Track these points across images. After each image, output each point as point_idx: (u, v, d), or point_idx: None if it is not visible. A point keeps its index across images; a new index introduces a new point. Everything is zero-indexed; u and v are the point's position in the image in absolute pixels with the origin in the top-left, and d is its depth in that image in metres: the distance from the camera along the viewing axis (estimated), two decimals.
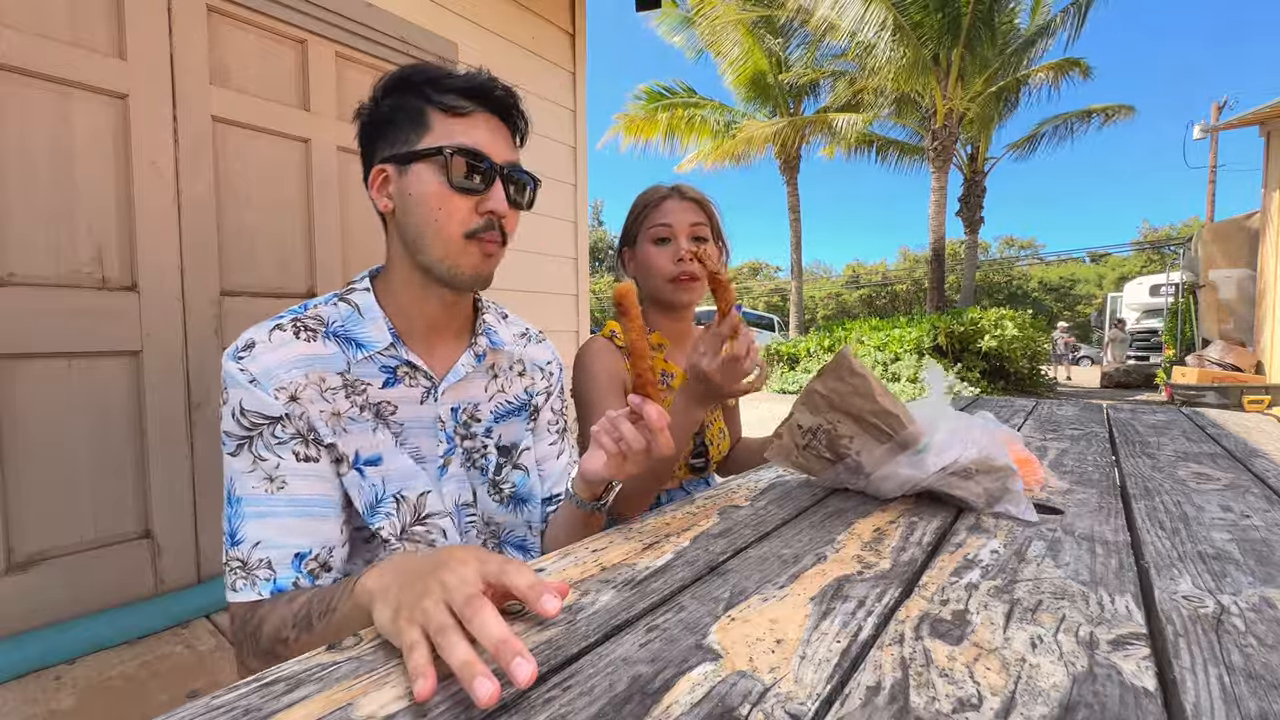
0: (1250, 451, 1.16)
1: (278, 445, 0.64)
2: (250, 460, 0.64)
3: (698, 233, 1.14)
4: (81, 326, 1.45)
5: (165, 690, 1.33)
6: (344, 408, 0.68)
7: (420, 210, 0.69)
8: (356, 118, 0.75)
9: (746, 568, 0.57)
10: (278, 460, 0.64)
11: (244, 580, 0.62)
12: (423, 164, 0.69)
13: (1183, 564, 0.58)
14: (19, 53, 1.36)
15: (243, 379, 0.64)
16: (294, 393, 0.65)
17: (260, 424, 0.64)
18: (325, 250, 1.91)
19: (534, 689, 0.37)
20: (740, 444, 1.35)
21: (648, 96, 14.71)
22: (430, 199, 0.68)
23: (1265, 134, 6.82)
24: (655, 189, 1.18)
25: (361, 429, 0.70)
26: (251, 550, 0.62)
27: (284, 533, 0.63)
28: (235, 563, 0.63)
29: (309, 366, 0.67)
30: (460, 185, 0.68)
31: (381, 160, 0.71)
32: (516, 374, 0.86)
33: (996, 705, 0.36)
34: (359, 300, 0.73)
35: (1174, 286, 9.45)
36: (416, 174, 0.69)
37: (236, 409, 0.64)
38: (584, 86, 2.91)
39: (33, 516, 1.40)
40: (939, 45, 10.66)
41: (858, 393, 0.75)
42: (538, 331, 0.94)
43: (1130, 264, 35.95)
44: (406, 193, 0.69)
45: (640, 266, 1.17)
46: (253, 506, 0.64)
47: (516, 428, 0.85)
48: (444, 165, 0.68)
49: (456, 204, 0.69)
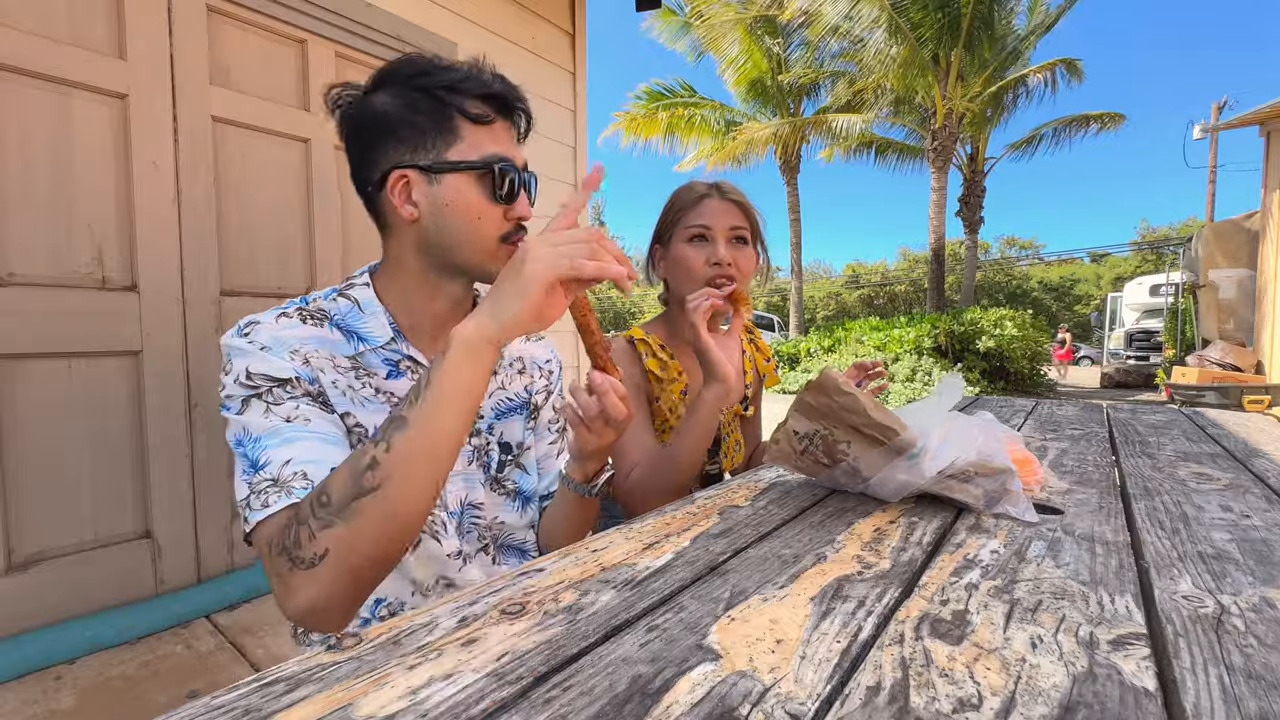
0: (1250, 451, 1.16)
1: (291, 397, 0.62)
2: (264, 409, 0.61)
3: (737, 234, 1.07)
4: (81, 326, 1.45)
5: (165, 690, 1.33)
6: (356, 385, 0.69)
7: (457, 219, 0.69)
8: (337, 108, 0.71)
9: (746, 568, 0.57)
10: (296, 404, 0.62)
11: (277, 493, 0.57)
12: (459, 175, 0.68)
13: (1183, 564, 0.58)
14: (19, 52, 1.36)
15: (251, 347, 0.62)
16: (307, 357, 0.65)
17: (269, 384, 0.62)
18: (325, 250, 1.92)
19: (534, 689, 0.37)
20: (757, 450, 1.34)
21: (648, 96, 14.72)
22: (470, 209, 0.69)
23: (1265, 134, 6.82)
24: (692, 186, 1.11)
25: (375, 408, 0.70)
26: (283, 468, 0.58)
27: (316, 452, 0.60)
28: (263, 483, 0.57)
29: (319, 345, 0.67)
30: (501, 197, 0.70)
31: (402, 166, 0.68)
32: (516, 371, 0.86)
33: (996, 705, 0.36)
34: (359, 295, 0.73)
35: (1174, 286, 9.45)
36: (453, 184, 0.68)
37: (242, 374, 0.61)
38: (584, 87, 2.91)
39: (33, 516, 1.40)
40: (938, 45, 10.66)
41: (848, 409, 0.75)
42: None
43: (1126, 264, 35.94)
44: (442, 202, 0.69)
45: (671, 266, 1.11)
46: (276, 437, 0.59)
47: (516, 426, 0.85)
48: (487, 179, 0.69)
49: (493, 213, 0.70)
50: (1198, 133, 10.47)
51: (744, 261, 1.07)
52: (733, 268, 1.05)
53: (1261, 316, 7.01)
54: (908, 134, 13.84)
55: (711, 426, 0.98)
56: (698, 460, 1.00)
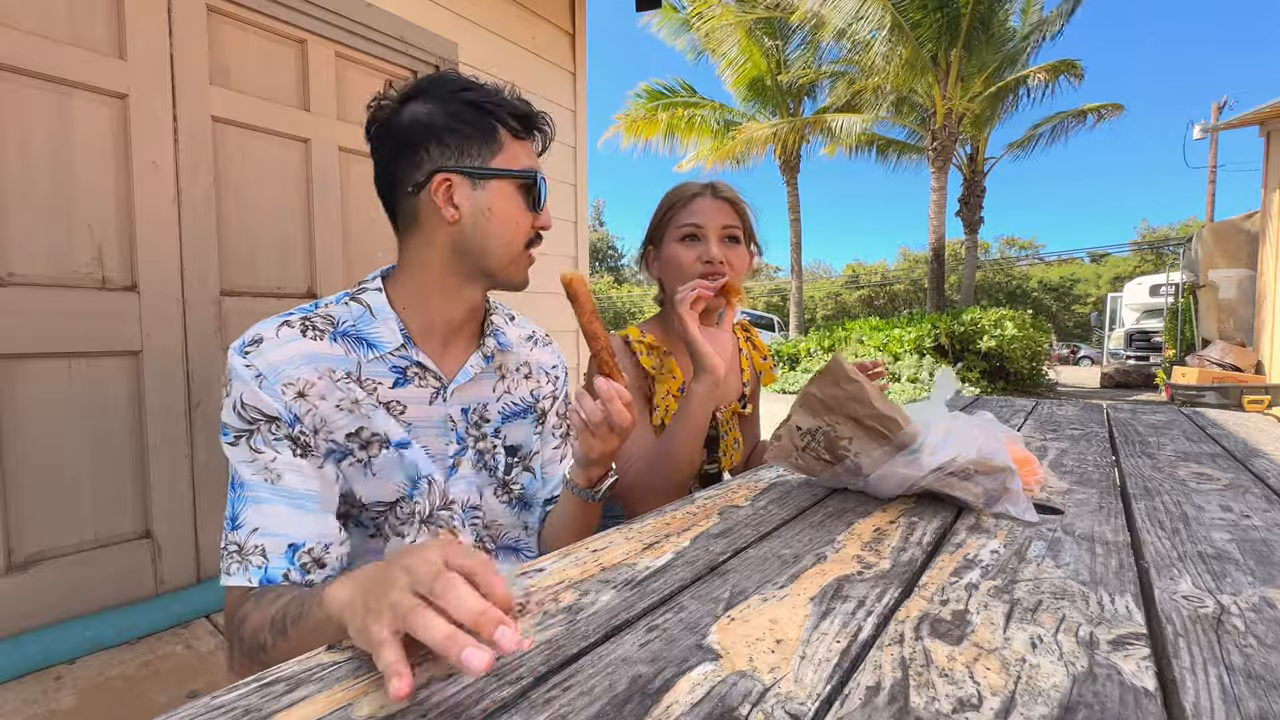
0: (1250, 451, 1.16)
1: (274, 441, 0.65)
2: (249, 451, 0.65)
3: (729, 233, 1.07)
4: (81, 326, 1.45)
5: (165, 690, 1.33)
6: (361, 396, 0.70)
7: (496, 224, 0.74)
8: (375, 116, 0.74)
9: (746, 568, 0.57)
10: (274, 454, 0.65)
11: (238, 564, 0.63)
12: (503, 182, 0.73)
13: (1183, 564, 0.58)
14: (19, 53, 1.36)
15: (248, 375, 0.65)
16: (302, 389, 0.66)
17: (258, 420, 0.65)
18: (325, 250, 1.91)
19: (534, 689, 0.37)
20: (757, 449, 1.34)
21: (648, 95, 14.71)
22: (511, 215, 0.74)
23: (1265, 134, 6.82)
24: (686, 186, 1.11)
25: (385, 417, 0.71)
26: (249, 536, 0.63)
27: (280, 522, 0.64)
28: (232, 546, 0.64)
29: (317, 362, 0.68)
30: (534, 206, 0.76)
31: (447, 170, 0.71)
32: (523, 376, 0.87)
33: (996, 705, 0.36)
34: (370, 300, 0.73)
35: (1174, 286, 9.45)
36: (497, 190, 0.73)
37: (238, 402, 0.65)
38: (584, 87, 2.91)
39: (33, 516, 1.40)
40: (938, 45, 10.66)
41: (854, 398, 0.75)
42: (544, 334, 0.95)
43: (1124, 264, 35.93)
44: (485, 206, 0.73)
45: (664, 266, 1.11)
46: (252, 492, 0.64)
47: (523, 430, 0.86)
48: (527, 189, 0.75)
49: (525, 221, 0.76)
50: (1198, 133, 10.47)
51: (736, 260, 1.08)
52: (724, 265, 1.05)
53: (1261, 317, 7.01)
54: (908, 134, 13.85)
55: (703, 419, 0.99)
56: (693, 455, 1.00)
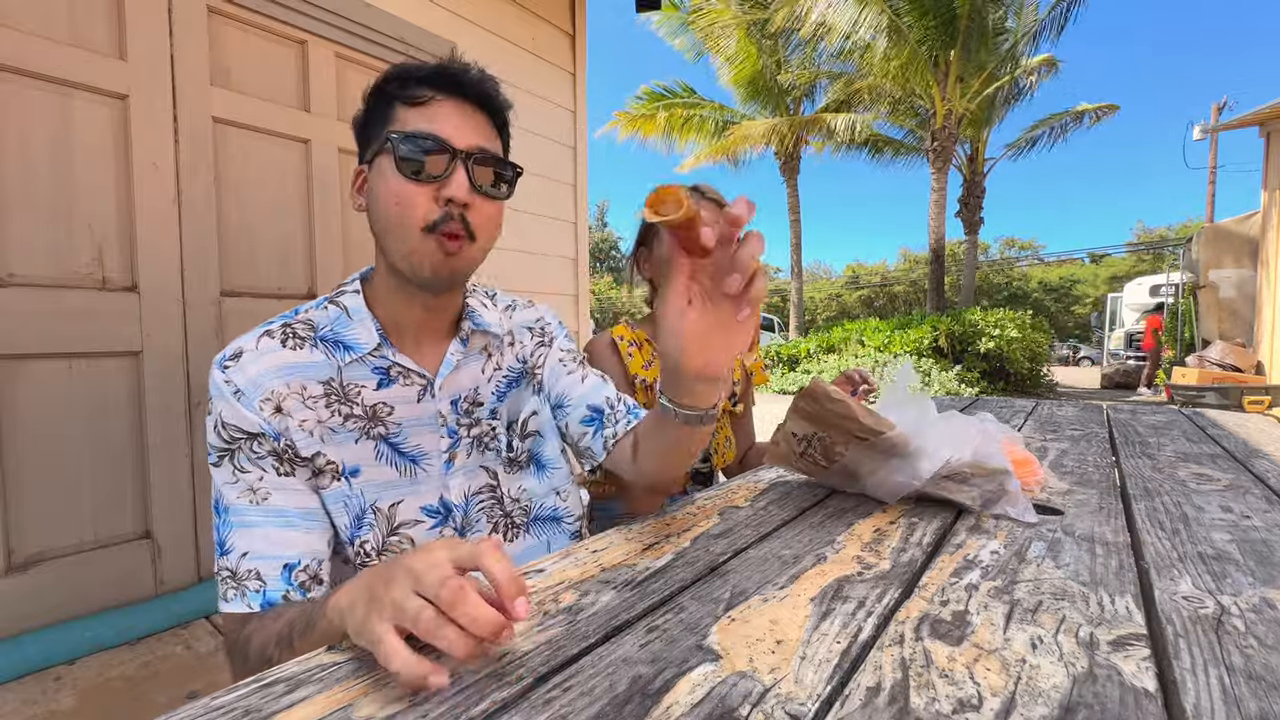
0: (1250, 452, 1.16)
1: (257, 460, 0.64)
2: (232, 472, 0.64)
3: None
4: (81, 327, 1.45)
5: (165, 691, 1.33)
6: (325, 416, 0.68)
7: (380, 205, 0.67)
8: (352, 122, 0.75)
9: (746, 568, 0.57)
10: (260, 473, 0.64)
11: (235, 590, 0.61)
12: (382, 157, 0.66)
13: (1183, 565, 0.58)
14: (19, 53, 1.36)
15: (227, 390, 0.64)
16: (278, 403, 0.65)
17: (239, 438, 0.64)
18: (325, 251, 1.91)
19: (534, 689, 0.37)
20: (753, 449, 1.34)
21: (648, 96, 14.72)
22: (389, 192, 0.65)
23: (1265, 134, 6.82)
24: None
25: (344, 439, 0.69)
26: (240, 560, 0.62)
27: (271, 544, 0.63)
28: (225, 572, 0.62)
29: (290, 375, 0.67)
30: (413, 172, 0.64)
31: (360, 163, 0.72)
32: (507, 345, 0.84)
33: (996, 706, 0.36)
34: (348, 302, 0.72)
35: (1174, 287, 9.45)
36: (378, 168, 0.67)
37: (218, 421, 0.64)
38: (584, 87, 2.91)
39: (33, 517, 1.40)
40: (935, 46, 10.67)
41: (840, 414, 0.76)
42: (525, 300, 0.92)
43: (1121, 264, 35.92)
44: (371, 189, 0.68)
45: (656, 267, 1.13)
46: (238, 516, 0.63)
47: (520, 398, 0.83)
48: (393, 152, 0.64)
49: (412, 194, 0.64)
50: (1197, 133, 10.46)
51: None
52: None
53: (1261, 317, 7.01)
54: (907, 134, 13.85)
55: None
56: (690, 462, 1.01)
